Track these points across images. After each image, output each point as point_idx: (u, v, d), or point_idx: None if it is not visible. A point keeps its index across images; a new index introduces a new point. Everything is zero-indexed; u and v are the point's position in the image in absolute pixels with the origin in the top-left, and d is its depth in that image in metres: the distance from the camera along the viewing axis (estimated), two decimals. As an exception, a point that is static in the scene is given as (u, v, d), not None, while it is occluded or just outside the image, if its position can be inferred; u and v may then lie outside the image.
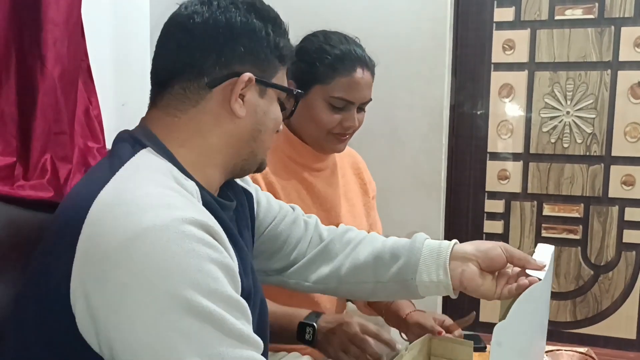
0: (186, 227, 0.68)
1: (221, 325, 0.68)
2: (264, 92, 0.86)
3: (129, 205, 0.69)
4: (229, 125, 0.83)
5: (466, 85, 2.38)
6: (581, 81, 2.28)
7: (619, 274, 2.33)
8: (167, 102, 0.84)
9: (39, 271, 0.75)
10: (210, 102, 0.82)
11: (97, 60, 1.36)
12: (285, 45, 0.88)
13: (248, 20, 0.84)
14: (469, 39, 2.35)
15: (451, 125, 2.35)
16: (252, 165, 0.91)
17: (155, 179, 0.74)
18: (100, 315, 0.67)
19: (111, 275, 0.66)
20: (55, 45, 1.10)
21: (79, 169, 1.16)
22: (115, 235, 0.67)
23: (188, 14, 0.85)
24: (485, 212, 2.44)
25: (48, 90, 1.09)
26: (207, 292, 0.68)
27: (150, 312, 0.66)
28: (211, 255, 0.69)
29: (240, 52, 0.82)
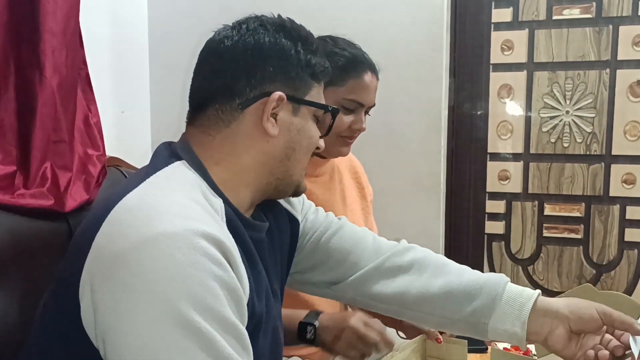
0: (197, 239, 0.69)
1: (208, 346, 0.67)
2: (297, 110, 0.87)
3: (149, 210, 0.71)
4: (262, 145, 0.85)
5: (465, 86, 2.39)
6: (580, 80, 2.28)
7: (621, 273, 2.32)
8: (201, 122, 0.86)
9: (64, 267, 0.77)
10: (243, 123, 0.84)
11: (96, 68, 1.37)
12: (318, 62, 0.89)
13: (276, 40, 0.86)
14: (467, 40, 2.36)
15: (451, 127, 2.35)
16: (288, 186, 0.91)
17: (182, 190, 0.76)
18: (100, 310, 0.69)
19: (117, 274, 0.68)
20: (53, 54, 1.11)
21: (78, 177, 1.17)
22: (129, 236, 0.69)
23: (220, 39, 0.88)
24: (487, 212, 2.44)
25: (47, 100, 1.09)
26: (203, 308, 0.67)
27: (142, 318, 0.66)
28: (216, 272, 0.69)
29: (270, 72, 0.84)
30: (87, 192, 1.16)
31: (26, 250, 0.96)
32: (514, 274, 2.44)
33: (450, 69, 2.32)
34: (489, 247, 2.47)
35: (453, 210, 2.43)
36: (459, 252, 2.47)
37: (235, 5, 2.13)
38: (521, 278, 2.44)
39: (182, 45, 2.18)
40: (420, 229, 2.16)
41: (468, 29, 2.34)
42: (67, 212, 1.09)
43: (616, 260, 2.33)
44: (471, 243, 2.48)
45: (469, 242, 2.48)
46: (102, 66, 1.75)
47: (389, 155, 2.14)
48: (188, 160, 0.82)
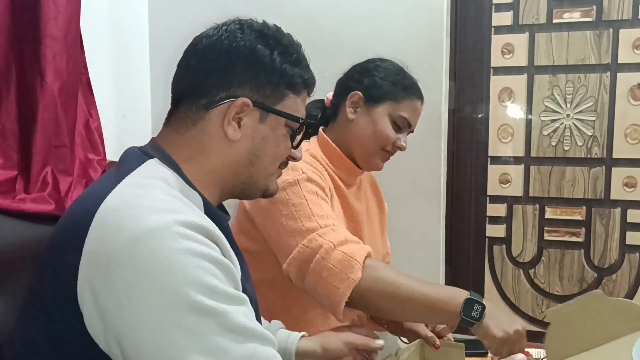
0: (179, 228, 0.71)
1: (224, 320, 0.70)
2: (264, 118, 0.86)
3: (134, 209, 0.72)
4: (226, 147, 0.85)
5: (466, 89, 2.39)
6: (580, 84, 2.28)
7: (623, 276, 2.32)
8: (173, 120, 0.87)
9: (45, 275, 0.77)
10: (209, 123, 0.84)
11: (96, 73, 1.38)
12: (297, 73, 0.88)
13: (252, 45, 0.85)
14: (467, 44, 2.36)
15: (451, 130, 2.36)
16: (254, 189, 0.91)
17: (161, 186, 0.77)
18: (108, 313, 0.70)
19: (117, 274, 0.69)
20: (54, 59, 1.12)
21: (79, 181, 1.17)
22: (120, 236, 0.70)
23: (200, 37, 0.89)
24: (488, 216, 2.44)
25: (48, 104, 1.10)
26: (204, 288, 0.69)
27: (153, 309, 0.68)
28: (204, 251, 0.72)
29: (240, 76, 0.84)
30: (88, 196, 1.16)
31: (27, 255, 0.96)
32: (515, 278, 2.44)
33: (451, 73, 2.32)
34: (490, 251, 2.46)
35: (454, 213, 2.43)
36: (459, 256, 2.47)
37: (237, 10, 2.14)
38: (522, 282, 2.43)
39: (182, 50, 2.19)
40: (420, 233, 2.16)
41: (469, 33, 2.34)
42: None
43: (617, 263, 2.32)
44: (472, 246, 2.47)
45: (470, 246, 2.47)
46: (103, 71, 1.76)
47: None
48: (160, 157, 0.83)
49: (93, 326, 0.71)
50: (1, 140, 1.08)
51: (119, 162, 0.86)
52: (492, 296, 2.46)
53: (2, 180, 1.03)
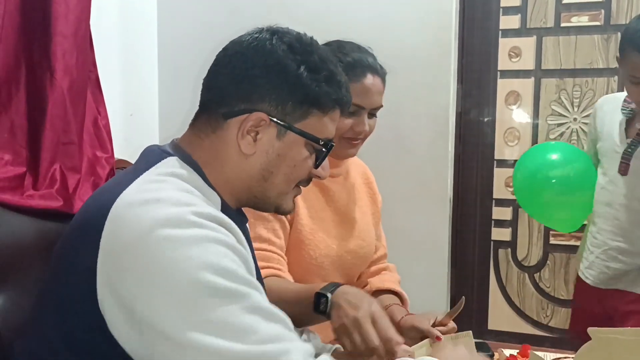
0: (192, 217, 0.71)
1: (248, 301, 0.70)
2: (282, 135, 0.82)
3: (149, 203, 0.72)
4: (240, 160, 0.83)
5: (472, 92, 2.38)
6: (588, 88, 2.28)
7: (628, 281, 2.31)
8: (197, 124, 0.87)
9: (60, 271, 0.78)
10: (226, 133, 0.83)
11: (105, 71, 1.39)
12: (325, 91, 0.83)
13: (278, 58, 0.81)
14: (475, 47, 2.36)
15: (458, 133, 2.35)
16: (267, 205, 0.89)
17: (176, 182, 0.77)
18: (128, 303, 0.70)
19: (134, 264, 0.69)
20: (64, 57, 1.12)
21: (87, 178, 1.18)
22: (136, 228, 0.70)
23: (234, 41, 0.86)
24: (493, 219, 2.44)
25: (57, 102, 1.11)
26: (226, 272, 0.70)
27: (174, 296, 0.68)
28: (219, 237, 0.72)
29: (262, 89, 0.81)
30: (96, 193, 1.17)
31: (35, 250, 0.97)
32: (521, 281, 2.44)
33: (458, 75, 2.32)
34: (495, 254, 2.46)
35: (459, 216, 2.42)
36: (465, 259, 2.47)
37: (245, 9, 2.14)
38: (527, 285, 2.43)
39: (191, 49, 2.20)
40: (426, 235, 2.16)
41: (476, 35, 2.34)
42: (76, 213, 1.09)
43: (623, 268, 2.31)
44: (477, 250, 2.47)
45: (475, 249, 2.47)
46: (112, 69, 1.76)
47: (396, 160, 2.15)
48: (181, 157, 0.83)
49: (113, 320, 0.71)
50: (10, 137, 1.08)
51: (137, 160, 0.86)
52: (497, 300, 2.46)
53: (10, 177, 1.03)
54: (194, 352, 0.67)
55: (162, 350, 0.69)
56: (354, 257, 1.33)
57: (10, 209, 0.98)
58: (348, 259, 1.32)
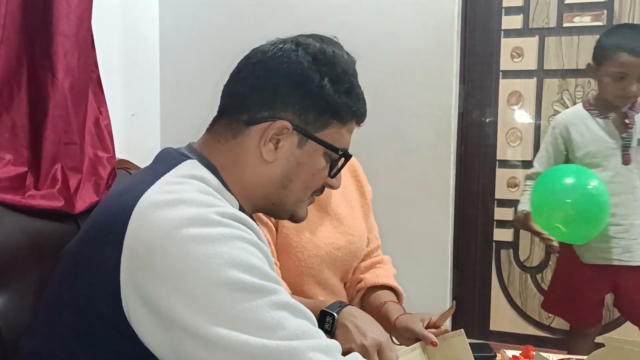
0: (216, 217, 0.72)
1: (275, 297, 0.70)
2: (303, 144, 0.84)
3: (174, 203, 0.72)
4: (260, 166, 0.85)
5: (475, 93, 2.38)
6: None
7: (631, 282, 2.30)
8: (216, 128, 0.87)
9: (78, 270, 0.77)
10: (247, 139, 0.84)
11: (107, 70, 1.38)
12: (345, 102, 0.85)
13: (303, 68, 0.83)
14: (477, 47, 2.35)
15: (460, 133, 2.35)
16: (282, 212, 0.91)
17: (198, 185, 0.77)
18: (154, 301, 0.69)
19: (159, 262, 0.69)
20: (65, 57, 1.12)
21: (88, 178, 1.17)
22: (162, 227, 0.70)
23: (256, 51, 0.88)
24: (495, 220, 2.43)
25: (59, 101, 1.10)
26: (252, 268, 0.70)
27: (200, 293, 0.68)
28: (243, 235, 0.73)
29: (285, 98, 0.83)
30: (97, 194, 1.17)
31: (36, 251, 0.96)
32: (522, 282, 2.43)
33: (460, 76, 2.32)
34: (497, 255, 2.45)
35: (461, 217, 2.42)
36: (467, 259, 2.46)
37: (246, 9, 2.14)
38: (529, 286, 2.42)
39: (192, 49, 2.20)
40: (428, 235, 2.15)
41: (478, 36, 2.34)
42: (77, 213, 1.09)
43: (626, 269, 2.31)
44: (479, 250, 2.46)
45: (477, 250, 2.46)
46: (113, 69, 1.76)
47: (399, 160, 2.14)
48: (199, 160, 0.84)
49: (138, 319, 0.71)
50: (11, 137, 1.07)
51: (154, 161, 0.86)
52: (499, 300, 2.45)
53: (12, 177, 1.03)
54: (221, 348, 0.67)
55: (189, 348, 0.69)
56: (345, 254, 1.32)
57: (11, 209, 0.97)
58: (339, 256, 1.31)
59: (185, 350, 0.69)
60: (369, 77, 1.00)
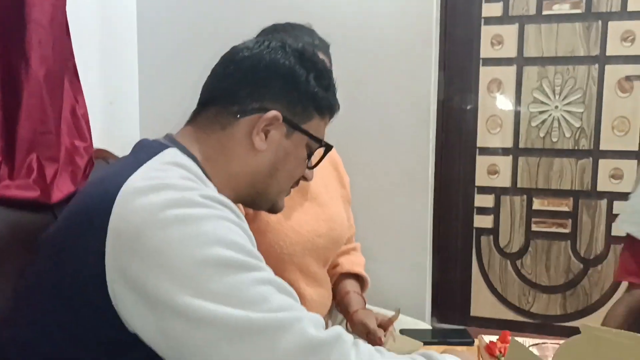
0: (200, 199, 0.74)
1: (259, 274, 0.72)
2: (290, 134, 0.90)
3: (157, 188, 0.74)
4: (250, 156, 0.88)
5: (455, 80, 2.39)
6: (569, 75, 2.29)
7: (608, 267, 2.34)
8: (200, 120, 0.90)
9: (59, 258, 0.77)
10: (237, 130, 0.87)
11: (83, 59, 1.36)
12: (325, 97, 0.92)
13: (291, 64, 0.89)
14: (457, 35, 2.36)
15: (440, 121, 2.36)
16: (264, 202, 0.94)
17: (180, 171, 0.80)
18: (140, 282, 0.70)
19: (145, 244, 0.70)
20: (40, 45, 1.10)
21: (65, 168, 1.16)
22: (147, 210, 0.71)
23: (241, 47, 0.92)
24: (475, 206, 2.45)
25: (33, 91, 1.09)
26: (238, 246, 0.72)
27: (185, 270, 0.69)
28: (227, 215, 0.75)
29: (275, 91, 0.88)
30: (74, 183, 1.16)
31: (12, 242, 0.96)
32: (503, 268, 2.46)
33: (440, 63, 2.32)
34: (477, 241, 2.48)
35: (442, 204, 2.44)
36: (448, 246, 2.48)
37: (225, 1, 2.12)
38: (509, 272, 2.45)
39: (171, 36, 2.17)
40: (408, 223, 2.16)
41: (458, 23, 2.34)
42: (54, 203, 1.08)
43: (603, 254, 2.35)
44: (460, 237, 2.49)
45: (458, 236, 2.49)
46: (90, 57, 1.74)
47: (378, 149, 2.14)
48: (179, 149, 0.86)
49: (124, 303, 0.71)
50: (-15, 127, 1.06)
51: (134, 150, 0.88)
52: (480, 286, 2.48)
53: (-14, 167, 1.01)
54: (207, 323, 0.68)
55: (176, 327, 0.69)
56: (327, 241, 1.34)
57: (-15, 200, 0.96)
58: (320, 243, 1.32)
59: (172, 329, 0.69)
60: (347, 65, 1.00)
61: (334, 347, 0.70)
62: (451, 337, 1.37)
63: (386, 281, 1.46)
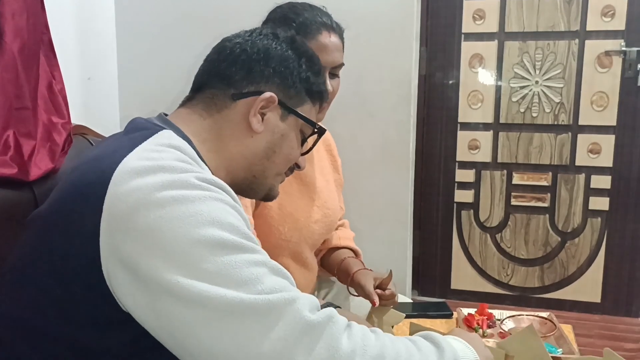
0: (195, 181, 0.74)
1: (253, 255, 0.72)
2: (285, 117, 0.91)
3: (153, 169, 0.74)
4: (246, 138, 0.89)
5: (437, 55, 2.39)
6: (550, 51, 2.30)
7: (585, 240, 2.39)
8: (195, 103, 0.91)
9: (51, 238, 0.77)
10: (233, 112, 0.88)
11: (59, 33, 1.34)
12: (316, 82, 0.94)
13: (284, 49, 0.92)
14: (439, 9, 2.35)
15: (422, 96, 2.36)
16: (261, 186, 0.94)
17: (176, 153, 0.79)
18: (133, 261, 0.70)
19: (140, 223, 0.70)
20: (13, 18, 1.08)
21: (43, 144, 1.14)
22: (143, 190, 0.71)
23: (233, 36, 0.95)
24: (456, 181, 2.48)
25: (8, 65, 1.07)
26: (233, 228, 0.72)
27: (180, 250, 0.69)
28: (221, 197, 0.75)
29: (269, 75, 0.90)
30: (52, 160, 1.14)
31: (-10, 219, 0.95)
32: (482, 242, 2.50)
33: (422, 38, 2.32)
34: (458, 216, 2.51)
35: (423, 179, 2.46)
36: (429, 220, 2.51)
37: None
38: (489, 246, 2.49)
39: (150, 9, 2.14)
40: (389, 198, 2.18)
41: (440, -2, 2.34)
42: (32, 180, 1.07)
43: (580, 227, 2.39)
44: (441, 211, 2.51)
45: (439, 210, 2.51)
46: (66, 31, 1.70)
47: (359, 124, 2.15)
48: (174, 131, 0.86)
49: (118, 282, 0.71)
50: (-41, 103, 1.04)
51: (127, 130, 0.87)
52: (460, 260, 2.52)
53: (-39, 144, 1.00)
54: (199, 303, 0.68)
55: (168, 306, 0.69)
56: (321, 227, 1.34)
57: (-39, 177, 0.95)
58: (315, 229, 1.32)
59: (165, 308, 0.69)
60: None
61: (325, 328, 0.70)
62: (430, 310, 1.39)
63: (367, 255, 1.48)
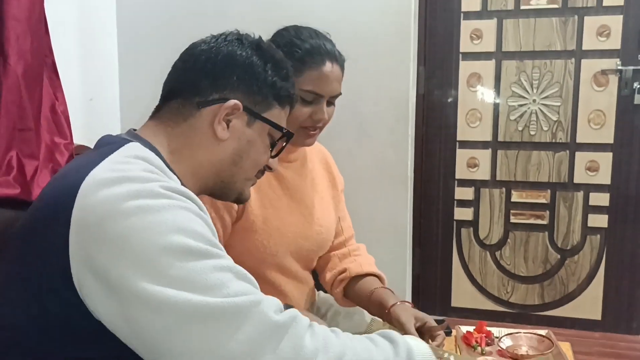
0: (160, 190, 0.76)
1: (218, 261, 0.74)
2: (251, 123, 0.92)
3: (120, 181, 0.75)
4: (213, 145, 0.90)
5: (436, 74, 2.41)
6: (546, 70, 2.32)
7: (584, 257, 2.39)
8: (162, 114, 0.92)
9: (26, 254, 0.79)
10: (199, 121, 0.90)
11: (63, 55, 1.36)
12: (284, 86, 0.94)
13: (248, 55, 0.92)
14: (437, 29, 2.38)
15: (421, 114, 2.38)
16: (230, 191, 0.96)
17: (143, 164, 0.81)
18: (105, 270, 0.71)
19: (108, 233, 0.72)
20: (17, 41, 1.10)
21: (45, 165, 1.17)
22: (109, 201, 0.73)
23: (199, 42, 0.95)
24: (456, 199, 2.49)
25: (11, 87, 1.09)
26: (197, 235, 0.74)
27: (148, 258, 0.71)
28: (186, 205, 0.77)
29: (234, 82, 0.90)
30: (54, 180, 1.16)
31: (-8, 239, 0.95)
32: (482, 259, 2.50)
33: (420, 58, 2.34)
34: (457, 233, 2.51)
35: (423, 197, 2.46)
36: (429, 238, 2.51)
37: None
38: (489, 263, 2.49)
39: (151, 31, 2.17)
40: (387, 218, 2.19)
41: (438, 17, 2.36)
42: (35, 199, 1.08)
43: (579, 245, 2.39)
44: (440, 229, 2.52)
45: (439, 228, 2.52)
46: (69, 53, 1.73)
47: (357, 144, 2.16)
48: (142, 143, 0.87)
49: (90, 293, 0.72)
50: (-36, 124, 1.06)
51: (97, 145, 0.89)
52: (460, 278, 2.52)
53: (-35, 165, 1.01)
54: (168, 309, 0.70)
55: (138, 313, 0.71)
56: (312, 244, 1.34)
57: (-35, 198, 0.96)
58: (305, 245, 1.32)
59: (135, 316, 0.71)
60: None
61: (289, 328, 0.73)
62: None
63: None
